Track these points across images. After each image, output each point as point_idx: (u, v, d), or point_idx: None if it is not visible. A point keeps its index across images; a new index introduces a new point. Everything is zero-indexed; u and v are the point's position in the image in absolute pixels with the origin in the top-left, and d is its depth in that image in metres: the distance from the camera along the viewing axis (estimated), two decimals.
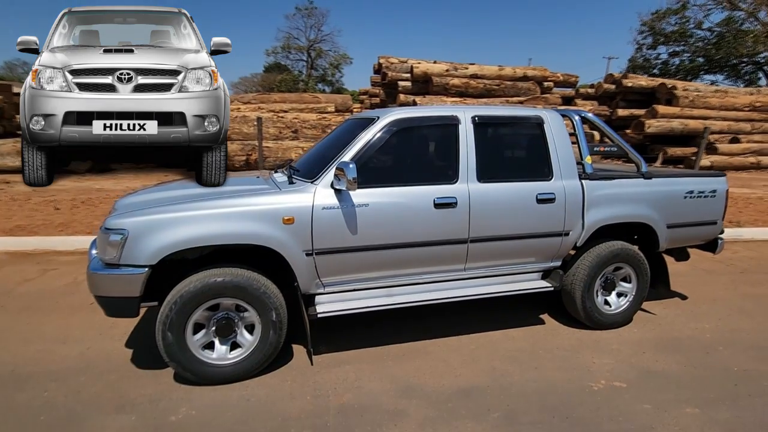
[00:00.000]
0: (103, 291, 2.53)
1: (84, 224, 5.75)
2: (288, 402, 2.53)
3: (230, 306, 2.67)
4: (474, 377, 2.83)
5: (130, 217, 2.53)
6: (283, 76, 37.98)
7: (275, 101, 12.17)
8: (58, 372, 2.76)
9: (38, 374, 2.73)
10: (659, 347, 3.27)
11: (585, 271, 3.34)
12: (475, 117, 3.12)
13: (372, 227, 2.81)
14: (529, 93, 13.57)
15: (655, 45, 29.79)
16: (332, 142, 3.37)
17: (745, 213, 7.59)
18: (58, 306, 3.74)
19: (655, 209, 3.48)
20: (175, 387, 2.64)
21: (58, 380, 2.67)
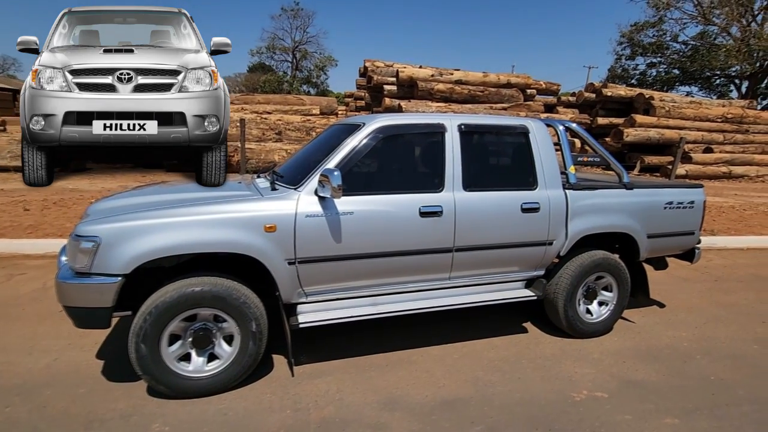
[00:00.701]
0: (73, 301, 2.40)
1: (55, 226, 5.51)
2: (267, 416, 2.45)
3: (208, 316, 2.57)
4: (457, 388, 2.80)
5: (103, 224, 2.41)
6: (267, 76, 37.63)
7: (259, 102, 12.01)
8: (22, 386, 2.61)
9: (0, 388, 2.58)
10: (639, 356, 3.31)
11: (568, 280, 3.36)
12: (461, 125, 3.11)
13: (356, 236, 2.76)
14: (513, 100, 13.75)
15: (633, 56, 30.72)
16: (317, 147, 3.31)
17: (718, 222, 7.82)
18: (24, 314, 3.56)
19: (636, 219, 3.53)
20: (148, 401, 2.52)
21: (22, 394, 2.53)
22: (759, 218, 8.30)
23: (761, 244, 6.92)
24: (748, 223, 7.91)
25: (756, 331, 3.83)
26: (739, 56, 24.39)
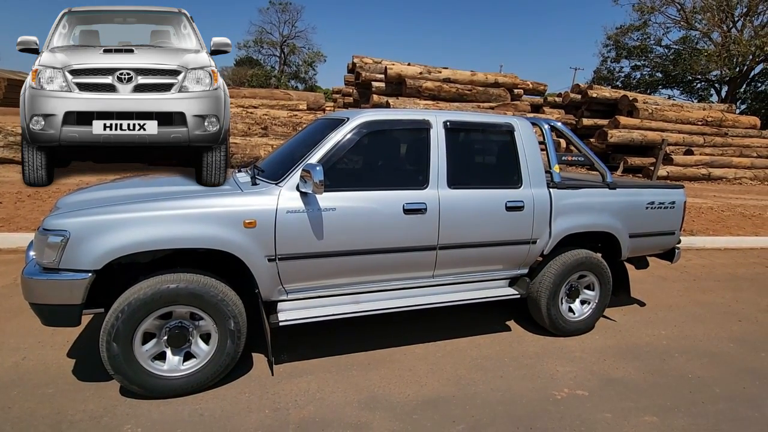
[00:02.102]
0: (40, 298, 2.30)
1: (28, 220, 5.33)
2: (245, 416, 2.39)
3: (184, 314, 2.50)
4: (439, 387, 2.78)
5: (72, 217, 2.31)
6: (254, 71, 37.16)
7: (245, 96, 11.83)
8: None
9: None
10: (619, 354, 3.34)
11: (551, 278, 3.37)
12: (447, 122, 3.08)
13: (339, 232, 2.71)
14: (500, 99, 13.82)
15: (618, 58, 31.19)
16: (300, 142, 3.24)
17: (697, 222, 7.98)
18: None
19: (619, 219, 3.55)
20: (120, 401, 2.44)
21: None
22: (736, 219, 8.50)
23: (738, 245, 7.08)
24: (726, 224, 8.09)
25: (732, 330, 3.90)
26: (720, 61, 24.97)
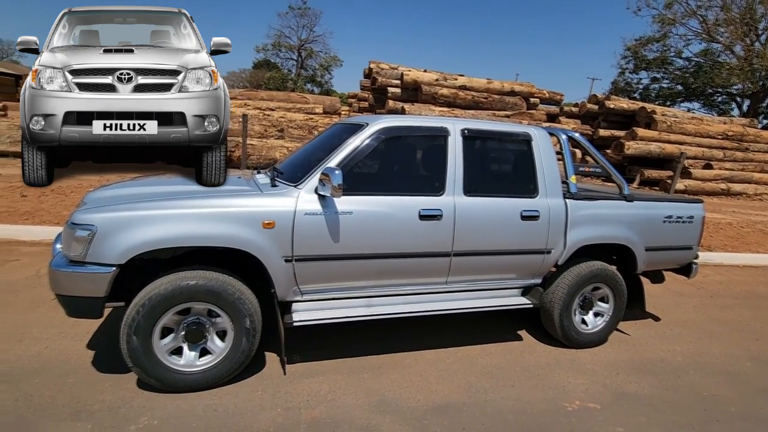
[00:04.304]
0: (66, 290, 2.38)
1: (52, 214, 5.49)
2: (257, 414, 2.42)
3: (202, 311, 2.55)
4: (450, 393, 2.78)
5: (99, 213, 2.39)
6: (272, 73, 37.61)
7: (262, 99, 11.99)
8: (10, 373, 2.58)
9: None
10: (633, 369, 3.30)
11: (564, 289, 3.35)
12: (464, 130, 3.10)
13: (355, 236, 2.75)
14: (516, 108, 13.77)
15: (637, 70, 30.82)
16: (319, 145, 3.30)
17: (715, 238, 7.83)
18: (16, 300, 3.53)
19: (635, 232, 3.52)
20: (137, 393, 2.50)
21: (10, 382, 2.50)
22: (756, 236, 8.31)
23: (758, 262, 6.93)
24: (745, 240, 7.92)
25: (750, 349, 3.83)
26: (742, 75, 24.51)
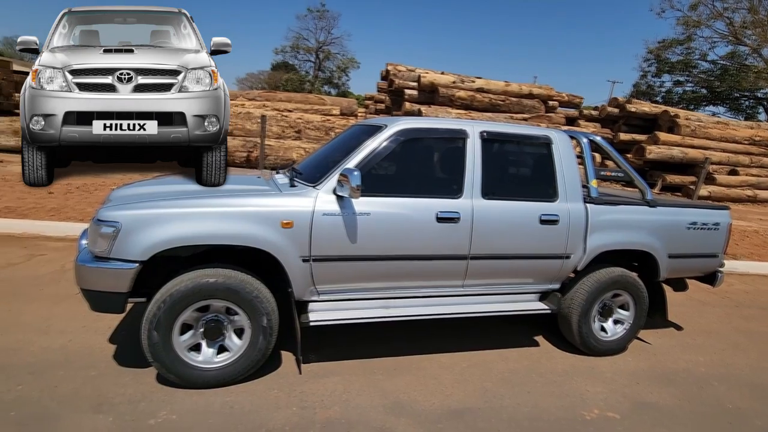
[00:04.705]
0: (90, 284, 2.44)
1: (76, 210, 5.64)
2: (273, 412, 2.44)
3: (220, 308, 2.59)
4: (465, 398, 2.75)
5: (123, 210, 2.45)
6: (289, 75, 38.02)
7: (280, 100, 12.11)
8: (35, 364, 2.66)
9: (14, 366, 2.62)
10: (653, 378, 3.22)
11: (583, 295, 3.29)
12: (483, 132, 3.08)
13: (372, 237, 2.75)
14: (534, 111, 13.61)
15: (659, 73, 30.14)
16: (337, 146, 3.31)
17: (741, 246, 7.59)
18: (42, 294, 3.63)
19: (658, 238, 3.44)
20: (156, 388, 2.54)
21: (35, 373, 2.57)
22: None
23: None
24: None
25: None
26: None
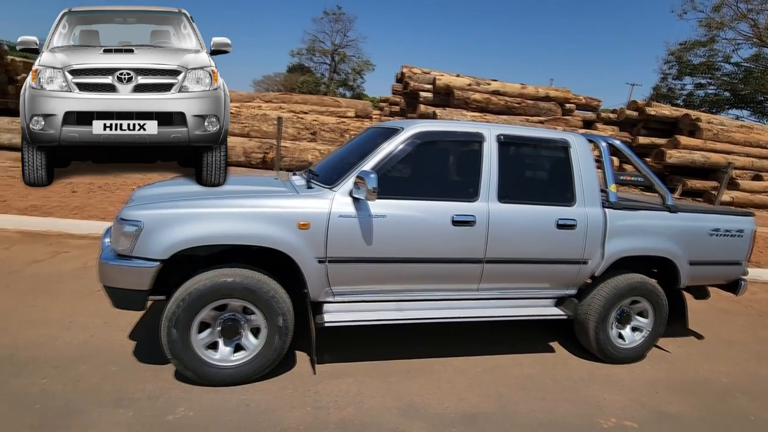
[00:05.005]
0: (113, 281, 2.50)
1: (99, 209, 5.78)
2: (287, 411, 2.46)
3: (238, 307, 2.62)
4: (479, 402, 2.74)
5: (146, 210, 2.51)
6: (305, 77, 38.33)
7: (296, 102, 12.24)
8: (59, 359, 2.73)
9: (39, 359, 2.70)
10: (673, 387, 3.15)
11: (600, 302, 3.24)
12: (500, 136, 3.07)
13: (387, 239, 2.76)
14: (550, 114, 13.47)
15: (680, 75, 29.47)
16: (354, 149, 3.34)
17: (765, 253, 7.37)
18: (65, 290, 3.73)
19: (679, 244, 3.37)
20: (174, 385, 2.59)
21: (59, 367, 2.65)
22: None
23: None
24: None
25: None
26: None
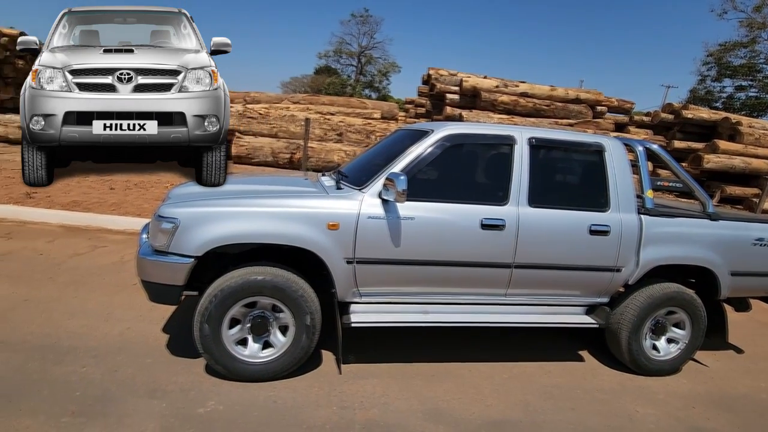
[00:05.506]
0: (150, 276, 2.59)
1: (134, 206, 6.00)
2: (313, 410, 2.49)
3: (267, 305, 2.67)
4: (505, 409, 2.69)
5: (182, 207, 2.59)
6: (331, 79, 38.75)
7: (323, 103, 12.37)
8: (98, 348, 2.85)
9: (78, 349, 2.83)
10: (710, 403, 3.02)
11: (634, 311, 3.14)
12: (532, 139, 3.01)
13: (415, 241, 2.75)
14: (580, 116, 13.15)
15: (720, 77, 28.22)
16: (383, 150, 3.35)
17: None
18: (103, 283, 3.89)
19: (719, 254, 3.23)
20: (205, 378, 2.66)
21: (97, 357, 2.76)
22: None
23: None
24: None
25: None
26: None
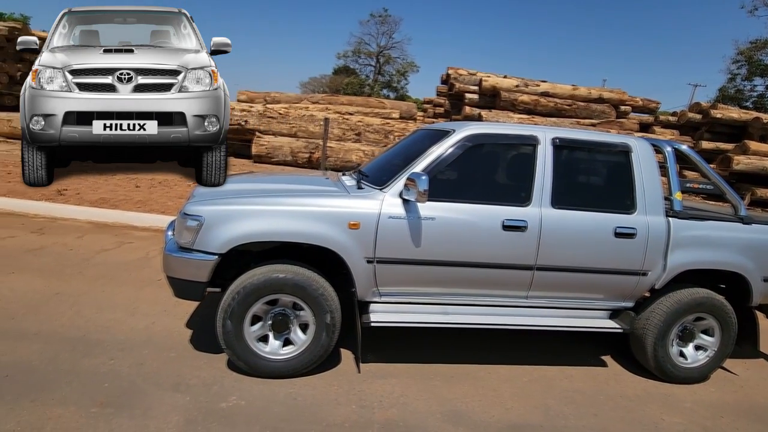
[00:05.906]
0: (175, 272, 2.65)
1: (159, 204, 6.14)
2: (333, 408, 2.51)
3: (288, 303, 2.70)
4: (526, 413, 2.66)
5: (207, 205, 2.64)
6: (350, 79, 38.92)
7: (342, 103, 12.43)
8: (125, 342, 2.93)
9: (106, 342, 2.91)
10: (740, 413, 2.92)
11: (661, 316, 3.05)
12: (555, 139, 2.97)
13: (436, 242, 2.74)
14: (603, 116, 12.87)
15: (750, 76, 27.22)
16: (403, 150, 3.34)
17: None
18: (130, 278, 4.00)
19: (752, 259, 3.11)
20: (227, 374, 2.71)
21: (124, 350, 2.84)
22: None
23: None
24: None
25: None
26: None
